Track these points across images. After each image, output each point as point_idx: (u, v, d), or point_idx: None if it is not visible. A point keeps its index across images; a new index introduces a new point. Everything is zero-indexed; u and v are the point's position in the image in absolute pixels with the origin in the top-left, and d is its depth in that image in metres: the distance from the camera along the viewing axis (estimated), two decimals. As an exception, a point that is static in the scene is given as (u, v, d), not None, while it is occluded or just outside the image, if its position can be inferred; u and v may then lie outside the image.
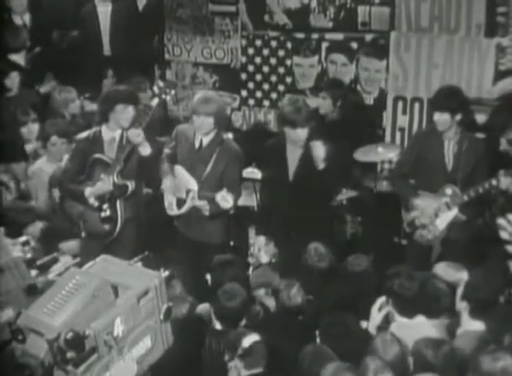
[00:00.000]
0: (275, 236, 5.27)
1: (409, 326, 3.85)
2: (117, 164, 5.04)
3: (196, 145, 5.09)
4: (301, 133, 4.97)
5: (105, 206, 5.11)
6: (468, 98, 5.43)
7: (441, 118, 4.94)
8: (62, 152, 5.79)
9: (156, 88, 5.16)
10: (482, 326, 3.75)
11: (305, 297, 4.14)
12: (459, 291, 3.84)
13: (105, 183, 5.04)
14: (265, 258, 5.13)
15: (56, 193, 5.50)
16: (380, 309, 3.96)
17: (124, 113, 5.04)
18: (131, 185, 5.10)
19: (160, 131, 6.44)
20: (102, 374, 2.48)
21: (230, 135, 5.76)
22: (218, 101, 5.04)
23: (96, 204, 5.10)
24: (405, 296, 3.84)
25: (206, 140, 5.06)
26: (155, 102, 5.14)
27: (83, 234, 5.17)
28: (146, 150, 4.97)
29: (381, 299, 3.98)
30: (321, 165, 4.95)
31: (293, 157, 5.15)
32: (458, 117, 4.93)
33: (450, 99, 4.94)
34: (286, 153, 5.16)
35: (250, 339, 3.66)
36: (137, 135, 4.94)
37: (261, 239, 5.24)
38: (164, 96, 5.17)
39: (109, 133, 5.14)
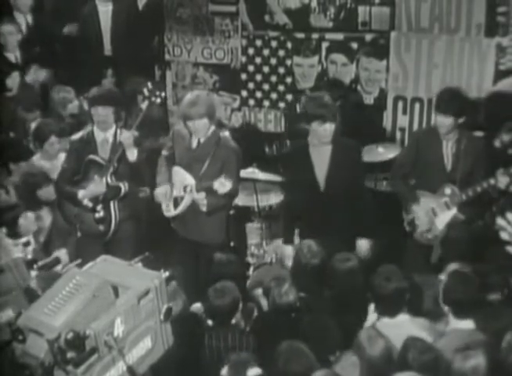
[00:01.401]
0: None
1: (392, 324, 3.83)
2: (109, 165, 5.07)
3: (194, 143, 5.07)
4: (330, 128, 4.80)
5: (98, 207, 5.14)
6: (471, 100, 5.42)
7: (445, 121, 4.91)
8: (57, 150, 5.80)
9: (145, 91, 5.16)
10: (471, 324, 3.72)
11: (297, 294, 4.14)
12: (440, 293, 3.83)
13: (97, 185, 5.07)
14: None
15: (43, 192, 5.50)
16: (374, 311, 3.96)
17: (97, 114, 5.10)
18: (124, 186, 5.13)
19: (159, 132, 6.44)
20: (103, 374, 2.48)
21: (227, 133, 5.76)
22: (206, 101, 4.96)
23: (90, 205, 5.13)
24: (382, 295, 3.85)
25: (203, 138, 5.04)
26: (145, 104, 5.15)
27: (79, 234, 5.20)
28: (132, 155, 5.03)
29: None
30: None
31: (320, 160, 4.96)
32: (461, 120, 4.92)
33: (454, 102, 4.90)
34: (310, 158, 4.96)
35: (253, 372, 3.61)
36: (127, 137, 4.99)
37: (289, 248, 5.11)
38: (153, 99, 5.17)
39: (101, 134, 5.19)
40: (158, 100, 5.23)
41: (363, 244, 5.00)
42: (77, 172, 5.18)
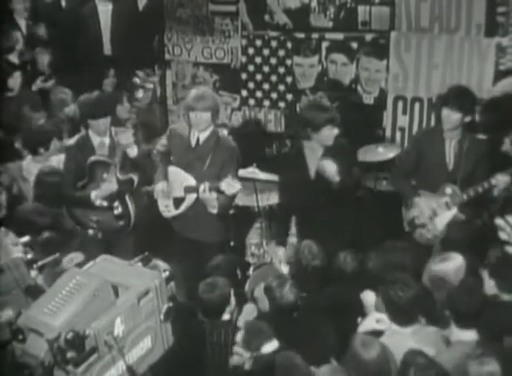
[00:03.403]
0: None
1: (402, 334, 3.80)
2: (115, 161, 5.08)
3: (193, 143, 5.07)
4: (336, 132, 4.89)
5: (116, 203, 5.14)
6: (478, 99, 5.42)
7: (452, 116, 4.90)
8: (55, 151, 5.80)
9: (137, 79, 5.14)
10: (474, 335, 3.68)
11: (298, 294, 4.15)
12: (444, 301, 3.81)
13: (110, 183, 5.08)
14: (285, 270, 5.08)
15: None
16: (377, 322, 3.94)
17: (98, 125, 5.09)
18: (135, 177, 5.13)
19: (159, 132, 6.44)
20: (102, 373, 2.48)
21: (225, 132, 5.77)
22: (212, 96, 5.03)
23: (105, 204, 5.12)
24: (398, 305, 3.80)
25: (202, 137, 5.05)
26: (140, 93, 5.13)
27: (95, 233, 5.17)
28: (133, 152, 5.03)
29: (382, 315, 3.96)
30: (336, 179, 4.91)
31: (313, 159, 5.05)
32: (467, 118, 4.92)
33: (465, 98, 4.91)
34: (305, 158, 5.07)
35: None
36: (127, 138, 5.00)
37: (281, 250, 5.16)
38: (147, 85, 5.16)
39: (98, 138, 5.17)
40: (151, 86, 5.23)
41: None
42: (79, 177, 5.15)
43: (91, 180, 5.14)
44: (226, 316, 4.13)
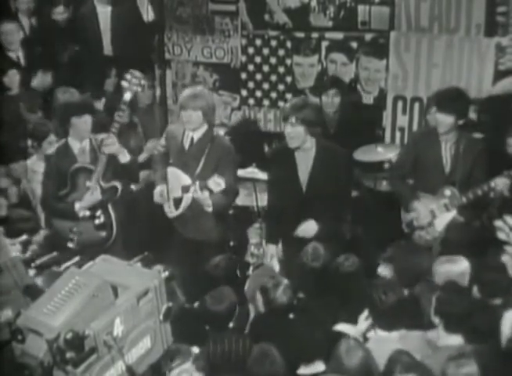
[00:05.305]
0: (284, 241, 5.17)
1: (387, 339, 3.78)
2: (99, 168, 4.92)
3: (187, 143, 5.04)
4: (294, 131, 4.71)
5: (98, 213, 4.99)
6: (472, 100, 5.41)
7: (445, 120, 4.88)
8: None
9: (124, 83, 5.01)
10: (460, 339, 3.65)
11: (293, 296, 4.11)
12: (432, 304, 3.76)
13: (93, 193, 4.94)
14: (277, 267, 5.06)
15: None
16: (366, 319, 3.93)
17: (81, 124, 4.94)
18: (119, 185, 5.02)
19: (160, 132, 6.44)
20: (102, 373, 2.49)
21: (221, 132, 5.72)
22: (206, 96, 4.96)
23: (88, 213, 4.97)
24: (381, 309, 3.79)
25: (196, 137, 5.02)
26: (128, 96, 4.99)
27: (75, 246, 4.93)
28: (124, 157, 4.95)
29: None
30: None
31: (304, 162, 4.92)
32: (461, 121, 4.90)
33: (458, 102, 4.88)
34: (295, 159, 4.92)
35: None
36: (112, 144, 4.88)
37: (273, 247, 5.15)
38: (135, 88, 5.02)
39: (77, 144, 5.03)
40: (139, 89, 5.10)
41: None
42: (61, 186, 5.01)
43: (73, 189, 4.98)
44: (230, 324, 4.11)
